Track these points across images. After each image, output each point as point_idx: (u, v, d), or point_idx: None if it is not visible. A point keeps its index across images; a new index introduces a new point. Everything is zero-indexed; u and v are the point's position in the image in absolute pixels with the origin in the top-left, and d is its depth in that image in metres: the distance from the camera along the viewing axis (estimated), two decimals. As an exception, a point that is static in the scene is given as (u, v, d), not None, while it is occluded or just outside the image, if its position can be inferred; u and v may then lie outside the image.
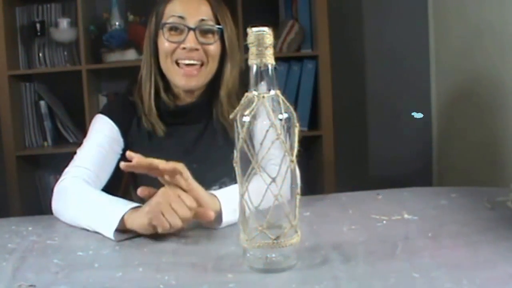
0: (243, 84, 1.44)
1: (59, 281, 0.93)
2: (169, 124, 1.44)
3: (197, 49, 1.37)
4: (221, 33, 1.40)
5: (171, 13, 1.38)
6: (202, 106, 1.44)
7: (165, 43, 1.38)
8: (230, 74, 1.42)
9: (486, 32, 2.07)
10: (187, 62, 1.37)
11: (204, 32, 1.38)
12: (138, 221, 1.10)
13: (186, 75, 1.38)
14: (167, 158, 1.41)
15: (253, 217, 0.91)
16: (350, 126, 2.70)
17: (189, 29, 1.36)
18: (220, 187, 1.41)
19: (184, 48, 1.36)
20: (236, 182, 0.95)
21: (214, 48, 1.39)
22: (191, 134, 1.45)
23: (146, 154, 1.41)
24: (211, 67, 1.40)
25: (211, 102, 1.44)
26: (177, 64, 1.39)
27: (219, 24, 1.40)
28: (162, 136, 1.43)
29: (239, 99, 0.94)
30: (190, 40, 1.36)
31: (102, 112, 1.47)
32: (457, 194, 1.33)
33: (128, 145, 1.44)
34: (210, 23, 1.38)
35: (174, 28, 1.38)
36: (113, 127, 1.43)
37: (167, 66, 1.40)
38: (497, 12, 1.98)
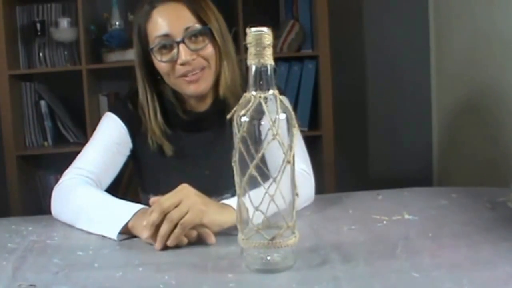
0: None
1: (59, 281, 0.92)
2: (181, 131, 1.42)
3: (193, 59, 1.33)
4: (210, 32, 1.35)
5: (154, 34, 1.33)
6: (214, 113, 1.40)
7: (161, 65, 1.34)
8: (228, 70, 1.37)
9: (484, 32, 2.07)
10: (190, 74, 1.34)
11: (194, 38, 1.33)
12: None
13: (193, 82, 1.34)
14: (178, 165, 1.40)
15: (253, 217, 0.91)
16: (350, 126, 2.69)
17: (178, 43, 1.32)
18: (232, 195, 1.40)
19: (182, 64, 1.32)
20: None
21: (209, 50, 1.34)
22: (203, 141, 1.42)
23: (156, 159, 1.41)
24: (214, 66, 1.36)
25: (223, 109, 1.40)
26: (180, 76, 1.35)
27: (204, 23, 1.34)
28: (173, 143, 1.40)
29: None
30: (184, 54, 1.31)
31: (111, 110, 1.44)
32: (458, 194, 1.33)
33: (137, 146, 1.41)
34: (196, 27, 1.33)
35: (163, 47, 1.33)
36: (122, 128, 1.40)
37: (172, 82, 1.37)
38: (498, 17, 1.98)
